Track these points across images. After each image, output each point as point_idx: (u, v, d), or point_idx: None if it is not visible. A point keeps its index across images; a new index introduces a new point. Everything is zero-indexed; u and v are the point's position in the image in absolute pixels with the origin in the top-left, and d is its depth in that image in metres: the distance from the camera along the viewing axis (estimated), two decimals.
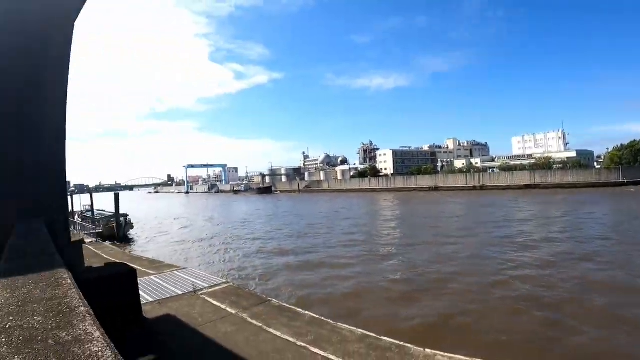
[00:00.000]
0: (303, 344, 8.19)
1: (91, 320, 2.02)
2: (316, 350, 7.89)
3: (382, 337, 8.43)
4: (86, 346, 1.73)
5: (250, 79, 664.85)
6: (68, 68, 11.04)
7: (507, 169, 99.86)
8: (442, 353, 7.52)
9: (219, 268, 22.32)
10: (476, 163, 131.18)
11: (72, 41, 11.00)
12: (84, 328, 1.93)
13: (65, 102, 11.08)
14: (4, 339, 1.96)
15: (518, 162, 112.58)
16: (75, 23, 10.96)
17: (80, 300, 2.41)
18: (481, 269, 18.66)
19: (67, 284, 2.89)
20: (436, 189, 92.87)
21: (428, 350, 7.62)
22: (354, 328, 9.07)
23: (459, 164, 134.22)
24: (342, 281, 17.66)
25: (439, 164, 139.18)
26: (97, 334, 1.83)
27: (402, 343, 8.06)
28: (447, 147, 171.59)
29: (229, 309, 10.57)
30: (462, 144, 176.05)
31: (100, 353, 1.65)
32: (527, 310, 13.01)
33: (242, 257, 25.98)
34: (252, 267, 22.28)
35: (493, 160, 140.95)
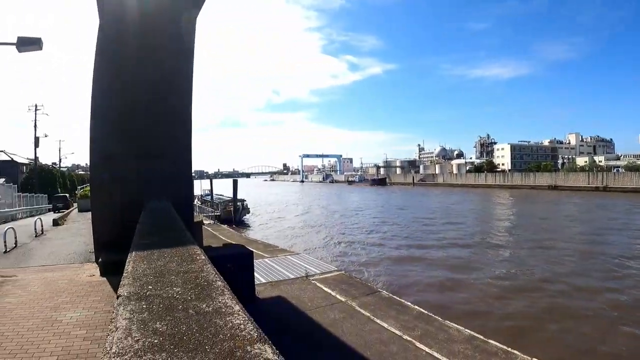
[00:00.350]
0: (409, 338, 8.14)
1: (230, 295, 2.15)
2: (421, 346, 7.80)
3: (489, 340, 8.13)
4: (227, 318, 1.85)
5: (364, 71, 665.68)
6: (192, 63, 11.82)
7: (633, 168, 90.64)
8: None
9: (329, 255, 22.67)
10: (599, 161, 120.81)
11: (195, 37, 11.76)
12: (224, 301, 2.06)
13: (191, 94, 11.90)
14: (144, 305, 2.14)
15: None
16: (197, 19, 11.71)
17: (216, 275, 2.57)
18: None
19: (202, 260, 3.10)
20: (555, 187, 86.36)
21: None
22: (462, 327, 8.83)
23: (580, 161, 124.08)
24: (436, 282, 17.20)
25: (560, 161, 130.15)
26: (237, 307, 1.95)
27: (509, 349, 7.72)
28: (569, 143, 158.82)
29: (338, 296, 10.74)
30: (584, 140, 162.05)
31: (242, 326, 1.75)
32: None
33: (351, 245, 26.18)
34: (360, 256, 22.39)
35: (618, 158, 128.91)
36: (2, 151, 61.90)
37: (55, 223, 25.23)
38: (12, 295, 8.84)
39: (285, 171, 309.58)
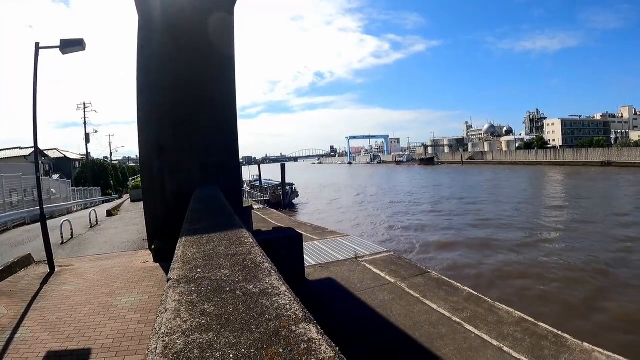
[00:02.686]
0: (458, 320, 8.03)
1: (277, 276, 2.16)
2: (470, 328, 7.68)
3: (540, 323, 7.90)
4: (274, 299, 1.86)
5: (407, 49, 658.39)
6: (234, 50, 11.91)
7: None
8: (600, 350, 6.85)
9: (378, 236, 22.64)
10: None
11: (234, 24, 11.83)
12: (271, 282, 2.08)
13: (235, 82, 12.01)
14: (193, 288, 2.18)
15: None
16: (235, 7, 11.76)
17: (264, 257, 2.59)
18: None
19: (250, 242, 3.13)
20: (609, 164, 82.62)
21: (586, 345, 6.99)
22: (512, 310, 8.62)
23: (635, 136, 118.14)
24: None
25: (613, 136, 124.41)
26: (284, 288, 1.96)
27: (559, 332, 7.48)
28: (622, 116, 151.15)
29: (388, 277, 10.70)
30: (638, 113, 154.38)
31: (288, 306, 1.76)
32: None
33: (400, 226, 26.12)
34: (410, 237, 22.28)
35: None
36: (55, 149, 64.46)
37: (109, 214, 26.17)
38: (70, 283, 9.24)
39: (332, 154, 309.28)
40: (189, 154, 11.05)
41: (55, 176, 42.49)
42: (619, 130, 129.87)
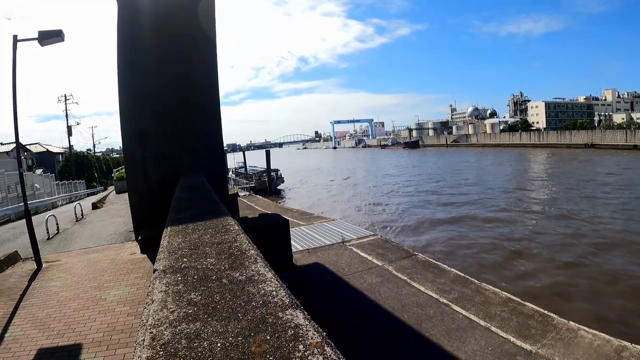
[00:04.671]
0: (445, 301, 8.12)
1: (262, 263, 2.16)
2: (458, 309, 7.78)
3: (526, 303, 8.04)
4: (260, 285, 1.85)
5: (392, 33, 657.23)
6: (215, 35, 11.76)
7: None
8: (586, 328, 6.99)
9: (365, 220, 22.74)
10: (638, 118, 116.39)
11: (216, 10, 11.69)
12: (257, 269, 2.07)
13: (217, 68, 11.90)
14: (179, 278, 2.17)
15: None
16: None
17: (249, 244, 2.59)
18: None
19: (235, 230, 3.12)
20: (592, 146, 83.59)
21: (572, 323, 7.13)
22: (499, 290, 8.76)
23: (618, 118, 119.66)
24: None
25: (596, 118, 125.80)
26: (270, 274, 1.95)
27: (546, 312, 7.62)
28: (605, 99, 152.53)
29: (375, 261, 10.77)
30: (622, 96, 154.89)
31: (274, 292, 1.76)
32: None
33: (385, 209, 26.32)
34: (395, 220, 22.42)
35: None
36: (37, 143, 63.64)
37: (95, 206, 25.93)
38: (58, 279, 9.18)
39: (317, 139, 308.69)
40: (172, 141, 10.98)
41: (39, 171, 42.05)
42: (602, 113, 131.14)
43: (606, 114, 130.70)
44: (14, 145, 13.47)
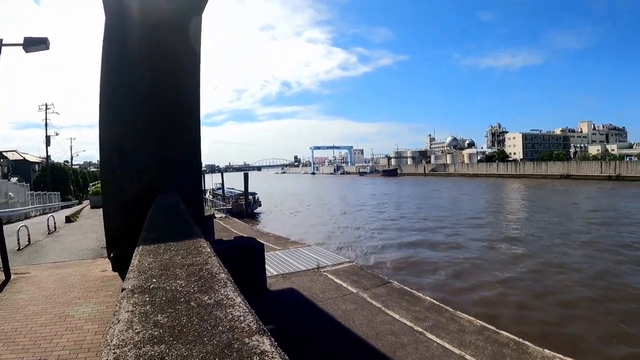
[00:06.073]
0: (420, 329, 8.11)
1: (232, 287, 2.13)
2: (432, 337, 7.77)
3: (501, 332, 8.09)
4: (228, 310, 1.83)
5: (375, 62, 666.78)
6: (199, 55, 11.78)
7: None
8: (561, 355, 7.06)
9: (340, 246, 22.71)
10: (612, 150, 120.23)
11: (202, 31, 11.73)
12: (226, 293, 2.05)
13: (199, 87, 11.90)
14: (147, 298, 2.14)
15: None
16: (203, 15, 11.65)
17: (220, 267, 2.56)
18: None
19: (207, 252, 3.09)
20: (568, 176, 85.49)
21: (547, 351, 7.19)
22: (473, 318, 8.81)
23: (593, 150, 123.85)
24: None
25: (572, 150, 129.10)
26: (239, 299, 1.93)
27: (521, 340, 7.68)
28: (581, 131, 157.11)
29: (350, 288, 10.72)
30: (597, 128, 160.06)
31: (242, 317, 1.73)
32: None
33: (361, 236, 26.32)
34: (371, 247, 22.39)
35: (631, 146, 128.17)
36: (14, 151, 62.61)
37: (68, 220, 25.50)
38: (25, 292, 8.96)
39: (296, 164, 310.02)
40: (149, 159, 10.86)
41: (14, 179, 41.21)
42: (578, 145, 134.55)
43: (582, 145, 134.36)
44: None
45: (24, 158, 62.28)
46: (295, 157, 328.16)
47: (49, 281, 9.82)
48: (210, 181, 55.14)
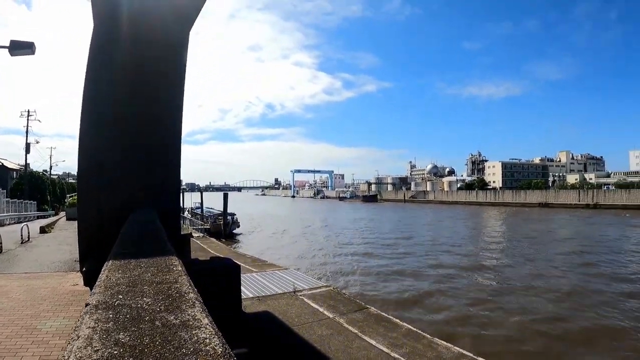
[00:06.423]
0: (397, 356, 8.00)
1: (200, 307, 2.05)
2: None
3: (479, 358, 8.05)
4: (194, 332, 1.74)
5: (359, 88, 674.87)
6: (184, 71, 11.74)
7: (623, 186, 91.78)
8: None
9: (317, 270, 22.63)
10: (590, 179, 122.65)
11: (188, 50, 11.71)
12: (193, 314, 1.97)
13: (182, 103, 11.81)
14: (111, 315, 2.05)
15: (636, 179, 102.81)
16: (190, 32, 11.65)
17: (190, 287, 2.48)
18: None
19: (178, 271, 3.00)
20: (546, 205, 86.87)
21: None
22: (451, 345, 8.75)
23: (571, 179, 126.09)
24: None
25: (550, 179, 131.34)
26: (206, 321, 1.85)
27: None
28: (560, 161, 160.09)
29: (326, 312, 10.60)
30: (575, 158, 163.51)
31: (207, 340, 1.65)
32: None
33: (339, 261, 26.42)
34: (348, 272, 22.37)
35: (609, 176, 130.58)
36: None
37: (43, 230, 25.03)
38: None
39: (276, 186, 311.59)
40: (128, 173, 10.68)
41: None
42: (556, 174, 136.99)
43: (560, 174, 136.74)
44: None
45: (2, 164, 61.24)
46: (276, 180, 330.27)
47: (18, 292, 9.59)
48: (190, 200, 54.97)
